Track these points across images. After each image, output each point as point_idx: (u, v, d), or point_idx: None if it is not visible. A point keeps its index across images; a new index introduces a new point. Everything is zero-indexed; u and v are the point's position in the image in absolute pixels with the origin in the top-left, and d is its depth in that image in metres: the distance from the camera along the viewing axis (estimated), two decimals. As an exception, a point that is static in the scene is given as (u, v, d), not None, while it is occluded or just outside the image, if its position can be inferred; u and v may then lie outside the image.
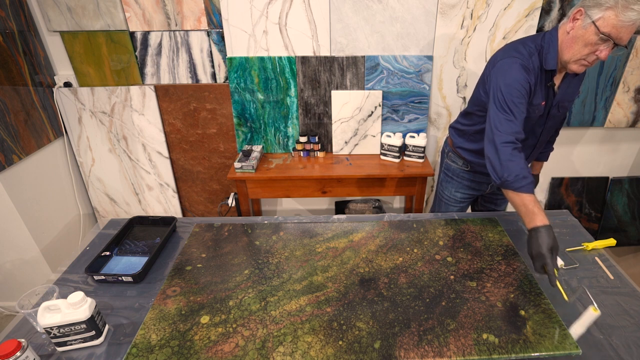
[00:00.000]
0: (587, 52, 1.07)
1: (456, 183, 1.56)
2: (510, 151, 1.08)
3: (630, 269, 2.32)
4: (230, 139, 2.22)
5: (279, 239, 1.23)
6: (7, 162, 1.71)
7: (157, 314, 0.95)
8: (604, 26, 1.01)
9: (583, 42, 1.07)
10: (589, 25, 1.04)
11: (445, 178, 1.60)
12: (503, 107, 1.11)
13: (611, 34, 1.01)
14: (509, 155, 1.08)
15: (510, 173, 1.06)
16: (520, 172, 1.05)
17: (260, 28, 1.92)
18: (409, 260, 1.13)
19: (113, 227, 1.36)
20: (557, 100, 1.25)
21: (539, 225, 0.98)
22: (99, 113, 2.10)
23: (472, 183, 1.53)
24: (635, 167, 2.39)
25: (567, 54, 1.12)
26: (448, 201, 1.60)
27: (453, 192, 1.57)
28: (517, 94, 1.11)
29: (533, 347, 0.85)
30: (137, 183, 2.30)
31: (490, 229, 1.27)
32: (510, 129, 1.09)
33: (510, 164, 1.07)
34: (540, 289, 1.01)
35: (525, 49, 1.16)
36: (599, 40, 1.03)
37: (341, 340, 0.87)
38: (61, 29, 1.92)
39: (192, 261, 1.14)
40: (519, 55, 1.15)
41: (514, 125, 1.10)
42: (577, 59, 1.10)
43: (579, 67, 1.12)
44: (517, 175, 1.05)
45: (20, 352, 0.79)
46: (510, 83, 1.12)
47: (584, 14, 1.06)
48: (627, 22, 0.98)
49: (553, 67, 1.15)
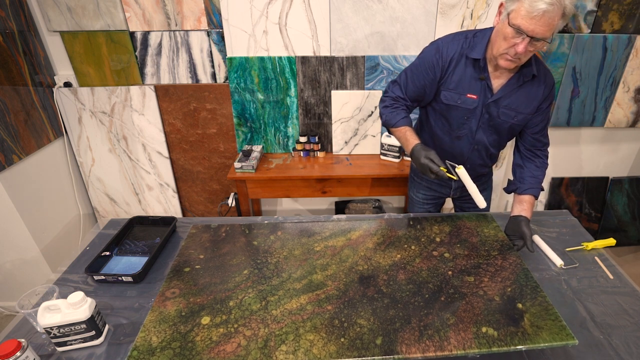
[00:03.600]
0: (506, 46, 1.04)
1: (417, 183, 1.54)
2: (389, 102, 1.31)
3: (630, 269, 2.32)
4: (230, 139, 2.22)
5: (277, 239, 1.23)
6: (7, 162, 1.71)
7: (157, 316, 0.95)
8: (514, 18, 0.98)
9: (502, 35, 1.04)
10: (505, 17, 1.01)
11: (410, 178, 1.59)
12: (400, 74, 1.30)
13: (521, 26, 0.97)
14: (386, 104, 1.31)
15: (389, 116, 1.29)
16: (392, 112, 1.29)
17: (260, 28, 1.93)
18: (407, 257, 1.13)
19: (113, 227, 1.36)
20: (495, 100, 1.19)
21: (413, 145, 1.18)
22: (99, 113, 2.10)
23: (431, 184, 1.50)
24: (635, 167, 2.39)
25: (494, 48, 1.09)
26: (413, 201, 1.59)
27: (416, 192, 1.56)
28: (413, 67, 1.25)
29: (531, 338, 0.85)
30: (137, 183, 2.30)
31: (485, 225, 1.27)
32: (392, 89, 1.31)
33: (387, 110, 1.31)
34: (537, 282, 1.02)
35: (456, 36, 1.19)
36: (514, 34, 1.00)
37: (343, 338, 0.88)
38: (61, 29, 1.92)
39: (190, 262, 1.13)
40: (440, 39, 1.21)
41: (395, 88, 1.30)
42: (500, 53, 1.07)
43: (505, 62, 1.08)
44: (391, 113, 1.28)
45: (20, 352, 0.79)
46: (416, 59, 1.26)
47: (504, 7, 1.03)
48: (536, 13, 0.94)
49: (476, 57, 1.14)
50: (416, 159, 1.15)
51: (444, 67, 1.18)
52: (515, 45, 1.01)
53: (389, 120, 1.30)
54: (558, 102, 2.15)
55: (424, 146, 1.16)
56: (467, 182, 1.16)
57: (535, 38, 0.98)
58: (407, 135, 1.23)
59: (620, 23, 1.95)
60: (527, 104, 1.20)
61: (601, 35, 1.97)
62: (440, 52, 1.18)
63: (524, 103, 1.20)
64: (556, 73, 2.07)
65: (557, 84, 2.10)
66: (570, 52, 2.01)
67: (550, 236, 1.27)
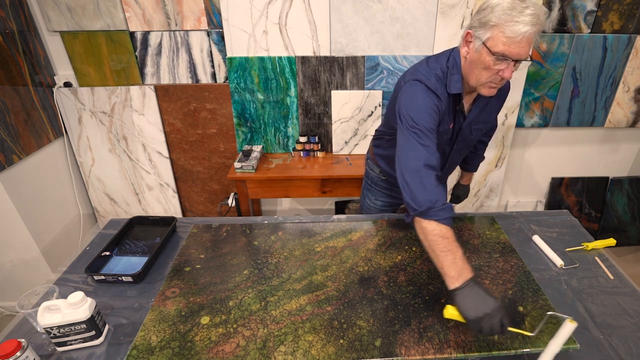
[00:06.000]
0: (489, 75, 0.98)
1: (375, 191, 1.49)
2: (434, 175, 0.95)
3: (630, 269, 2.32)
4: (230, 139, 2.22)
5: (277, 239, 1.23)
6: (7, 162, 1.71)
7: (157, 316, 0.95)
8: (494, 46, 0.92)
9: (481, 65, 0.97)
10: (481, 47, 0.95)
11: (365, 186, 1.54)
12: (418, 134, 0.99)
13: (505, 52, 0.91)
14: (433, 181, 0.94)
15: (439, 199, 0.91)
16: (445, 200, 0.93)
17: (260, 28, 1.93)
18: (408, 258, 1.13)
19: (113, 227, 1.36)
20: (469, 123, 1.17)
21: (470, 278, 0.83)
22: (99, 113, 2.10)
23: (391, 192, 1.47)
24: (635, 167, 2.39)
25: (472, 79, 1.03)
26: (369, 209, 1.53)
27: (373, 200, 1.51)
28: (427, 119, 1.01)
29: (532, 342, 0.85)
30: (137, 183, 2.30)
31: (487, 226, 1.27)
32: (431, 157, 0.97)
33: (437, 189, 0.93)
34: (538, 285, 1.02)
35: (431, 71, 1.07)
36: (496, 61, 0.94)
37: (342, 339, 0.88)
38: (61, 29, 1.92)
39: (191, 262, 1.14)
40: (424, 78, 1.06)
41: (433, 152, 0.98)
42: (482, 83, 1.01)
43: (489, 91, 1.02)
44: (444, 203, 0.91)
45: (20, 352, 0.79)
46: (418, 108, 1.02)
47: (473, 36, 0.98)
48: (520, 38, 0.89)
49: (458, 91, 1.06)
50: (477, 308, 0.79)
51: (441, 109, 1.07)
52: (500, 71, 0.96)
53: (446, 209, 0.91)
54: (558, 102, 2.15)
55: (483, 286, 0.85)
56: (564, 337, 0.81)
57: (520, 60, 0.94)
58: (457, 254, 0.86)
59: (620, 23, 1.95)
60: (491, 113, 1.23)
61: (601, 35, 1.97)
62: (436, 94, 1.05)
63: (490, 114, 1.22)
64: (556, 73, 2.07)
65: (557, 84, 2.10)
66: (570, 52, 2.01)
67: (550, 236, 1.27)
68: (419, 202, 0.92)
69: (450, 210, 0.91)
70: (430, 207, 0.90)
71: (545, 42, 1.99)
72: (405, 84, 1.08)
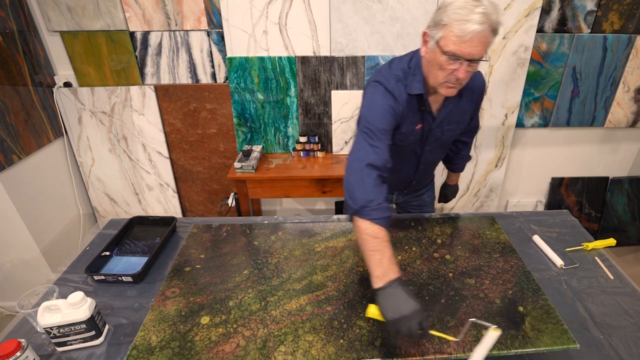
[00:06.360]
0: (445, 75, 0.96)
1: None
2: (375, 175, 0.95)
3: (630, 269, 2.32)
4: (230, 139, 2.22)
5: (277, 239, 1.23)
6: (7, 162, 1.71)
7: (157, 316, 0.95)
8: (445, 45, 0.91)
9: (437, 65, 0.96)
10: (435, 46, 0.94)
11: None
12: (369, 134, 1.00)
13: (456, 52, 0.90)
14: (373, 180, 0.94)
15: (375, 199, 0.91)
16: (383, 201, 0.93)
17: (260, 28, 1.93)
18: (408, 258, 1.13)
19: (113, 227, 1.36)
20: (439, 123, 1.16)
21: (394, 279, 0.82)
22: (99, 113, 2.10)
23: None
24: (635, 167, 2.39)
25: (431, 79, 1.02)
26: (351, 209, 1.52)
27: None
28: (380, 120, 1.02)
29: (532, 342, 0.85)
30: (137, 183, 2.30)
31: (487, 226, 1.27)
32: (376, 157, 0.97)
33: (376, 189, 0.94)
34: (538, 285, 1.02)
35: (392, 72, 1.08)
36: (449, 61, 0.93)
37: (342, 339, 0.88)
38: (61, 29, 1.92)
39: (191, 262, 1.14)
40: (383, 80, 1.07)
41: (381, 152, 0.99)
42: (439, 83, 1.00)
43: (448, 91, 1.01)
44: (379, 203, 0.91)
45: (20, 352, 0.79)
46: (373, 108, 1.04)
47: (429, 36, 0.97)
48: (468, 37, 0.88)
49: (419, 92, 1.06)
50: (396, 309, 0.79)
51: (399, 112, 1.07)
52: (454, 71, 0.94)
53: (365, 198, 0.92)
54: (558, 102, 2.15)
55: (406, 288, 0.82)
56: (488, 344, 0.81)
57: (474, 60, 0.92)
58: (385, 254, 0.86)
59: (620, 23, 1.95)
60: (465, 113, 1.20)
61: (601, 35, 1.97)
62: (394, 96, 1.06)
63: (463, 114, 1.19)
64: (556, 73, 2.07)
65: (557, 84, 2.10)
66: (570, 52, 2.01)
67: (550, 236, 1.27)
68: (356, 201, 0.93)
69: (384, 211, 0.91)
70: (365, 206, 0.91)
71: (545, 42, 1.99)
72: (367, 85, 1.10)
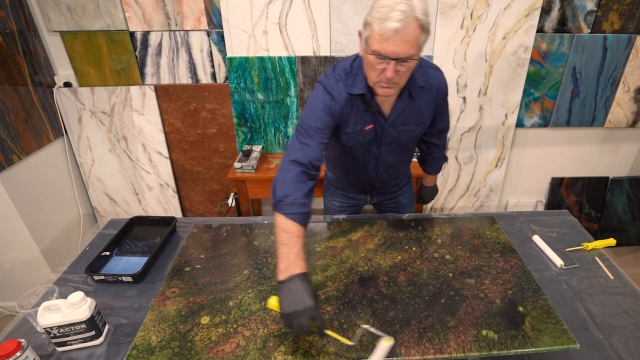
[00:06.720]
0: (376, 74, 0.95)
1: (332, 191, 1.48)
2: (297, 172, 0.97)
3: (630, 269, 2.32)
4: (230, 139, 2.22)
5: (279, 239, 1.22)
6: (7, 162, 1.71)
7: (157, 315, 0.95)
8: (371, 44, 0.90)
9: (368, 64, 0.96)
10: (365, 45, 0.94)
11: (325, 186, 1.53)
12: (301, 132, 1.03)
13: (379, 50, 0.89)
14: (294, 176, 0.96)
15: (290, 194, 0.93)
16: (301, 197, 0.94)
17: (260, 28, 1.93)
18: (408, 258, 1.13)
19: (113, 227, 1.36)
20: (391, 123, 1.13)
21: (296, 274, 0.84)
22: (99, 113, 2.10)
23: (347, 192, 1.44)
24: (635, 167, 2.39)
25: (368, 78, 1.01)
26: (328, 210, 1.52)
27: (331, 200, 1.49)
28: (314, 117, 1.03)
29: (532, 342, 0.85)
30: (137, 183, 2.30)
31: (487, 226, 1.27)
32: (302, 154, 0.99)
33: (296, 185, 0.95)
34: (538, 285, 1.01)
35: (335, 73, 1.08)
36: (377, 60, 0.92)
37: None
38: (61, 29, 1.92)
39: (191, 262, 1.14)
40: (324, 79, 1.08)
41: (309, 150, 1.00)
42: (374, 82, 0.99)
43: (383, 91, 0.99)
44: (295, 198, 0.93)
45: (20, 352, 0.79)
46: (309, 107, 1.06)
47: (362, 35, 0.96)
48: (389, 34, 0.86)
49: (361, 92, 1.05)
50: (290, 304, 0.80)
51: (337, 111, 1.07)
52: (383, 71, 0.93)
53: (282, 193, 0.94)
54: (558, 102, 2.15)
55: (308, 284, 0.83)
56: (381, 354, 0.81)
57: (400, 59, 0.90)
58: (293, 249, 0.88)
59: (620, 23, 1.95)
60: (422, 114, 1.16)
61: (601, 35, 1.97)
62: (332, 96, 1.06)
63: (420, 114, 1.16)
64: (556, 73, 2.07)
65: (557, 84, 2.10)
66: (570, 52, 2.01)
67: (550, 236, 1.27)
68: (275, 195, 0.95)
69: (299, 207, 0.92)
70: (280, 201, 0.93)
71: (545, 42, 1.99)
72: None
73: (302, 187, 0.96)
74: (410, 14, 0.85)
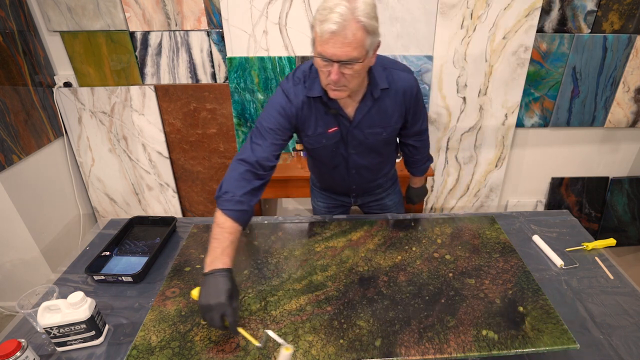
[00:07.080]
0: (325, 77, 0.95)
1: (316, 192, 1.49)
2: (243, 170, 1.00)
3: (630, 269, 2.32)
4: (230, 139, 2.22)
5: (277, 239, 1.22)
6: (7, 162, 1.71)
7: (157, 315, 0.95)
8: (316, 46, 0.91)
9: (319, 67, 0.96)
10: (312, 47, 0.94)
11: (310, 187, 1.54)
12: (254, 132, 1.06)
13: (321, 52, 0.89)
14: (237, 174, 0.99)
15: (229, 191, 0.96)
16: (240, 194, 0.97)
17: (260, 28, 1.93)
18: (408, 258, 1.13)
19: (113, 227, 1.36)
20: (356, 126, 1.12)
21: (219, 269, 0.86)
22: (99, 113, 2.10)
23: (331, 193, 1.44)
24: (635, 167, 2.39)
25: (320, 80, 1.01)
26: (315, 210, 1.53)
27: (316, 201, 1.50)
28: (268, 119, 1.06)
29: (532, 342, 0.85)
30: (137, 183, 2.30)
31: (487, 226, 1.27)
32: (251, 153, 1.02)
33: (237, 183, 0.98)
34: (538, 285, 1.01)
35: (295, 76, 1.09)
36: (322, 62, 0.92)
37: (342, 339, 0.87)
38: (61, 29, 1.92)
39: (191, 262, 1.14)
40: (283, 82, 1.10)
41: (259, 150, 1.03)
42: (325, 85, 0.99)
43: (333, 93, 0.99)
44: (233, 195, 0.96)
45: (20, 352, 0.79)
46: (266, 108, 1.08)
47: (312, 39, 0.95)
48: (327, 36, 0.86)
49: (317, 94, 1.05)
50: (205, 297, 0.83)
51: (292, 113, 1.08)
52: (329, 74, 0.92)
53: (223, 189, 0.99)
54: (558, 102, 2.15)
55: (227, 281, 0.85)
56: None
57: (343, 61, 0.89)
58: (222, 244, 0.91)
59: (620, 23, 1.95)
60: (389, 116, 1.14)
61: (601, 35, 1.97)
62: (289, 98, 1.07)
63: (386, 117, 1.14)
64: (556, 73, 2.07)
65: (557, 84, 2.10)
66: (570, 52, 2.01)
67: (550, 236, 1.27)
68: (218, 190, 1.00)
69: (235, 204, 0.95)
70: (220, 196, 0.97)
71: (545, 42, 1.99)
72: None
73: (245, 185, 0.99)
74: (348, 16, 0.85)
